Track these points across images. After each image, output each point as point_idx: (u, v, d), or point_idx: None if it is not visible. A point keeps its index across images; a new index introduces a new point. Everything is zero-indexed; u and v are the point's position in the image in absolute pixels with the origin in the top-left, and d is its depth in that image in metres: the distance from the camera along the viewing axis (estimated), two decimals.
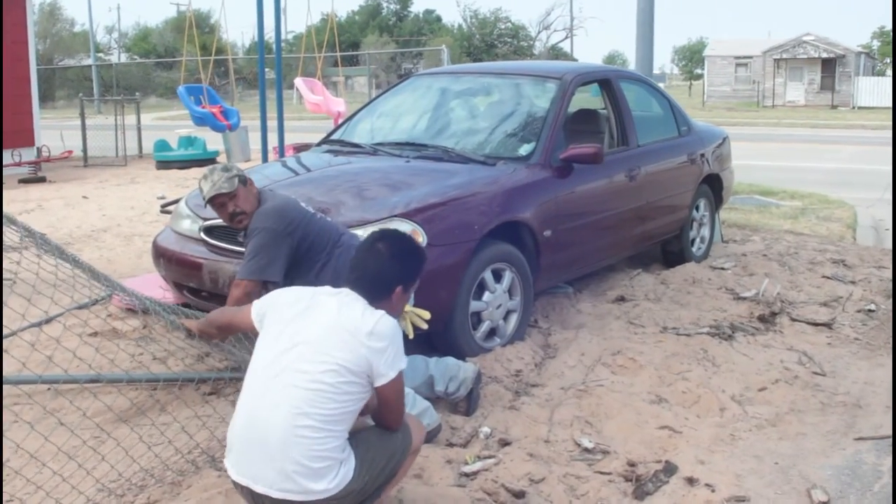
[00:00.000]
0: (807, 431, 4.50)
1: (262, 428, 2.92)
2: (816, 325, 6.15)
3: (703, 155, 7.89)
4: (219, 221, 5.30)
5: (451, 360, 4.68)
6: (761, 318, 6.23)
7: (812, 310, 6.47)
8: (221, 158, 17.12)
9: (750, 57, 51.59)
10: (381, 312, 3.05)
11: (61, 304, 5.18)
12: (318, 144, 6.85)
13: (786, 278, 7.35)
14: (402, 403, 3.15)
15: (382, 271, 3.15)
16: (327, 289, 3.16)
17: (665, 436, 4.37)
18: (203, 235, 5.36)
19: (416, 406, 4.16)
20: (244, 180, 4.42)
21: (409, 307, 4.29)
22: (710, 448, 4.27)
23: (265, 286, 4.39)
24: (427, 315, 4.35)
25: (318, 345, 2.95)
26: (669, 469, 4.00)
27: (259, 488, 2.93)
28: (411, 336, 4.35)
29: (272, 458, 2.90)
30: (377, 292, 3.13)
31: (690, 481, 3.91)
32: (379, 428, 3.20)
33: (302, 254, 4.36)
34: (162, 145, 16.71)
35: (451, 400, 4.63)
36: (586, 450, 4.20)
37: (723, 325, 6.01)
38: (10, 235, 3.64)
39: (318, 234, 4.42)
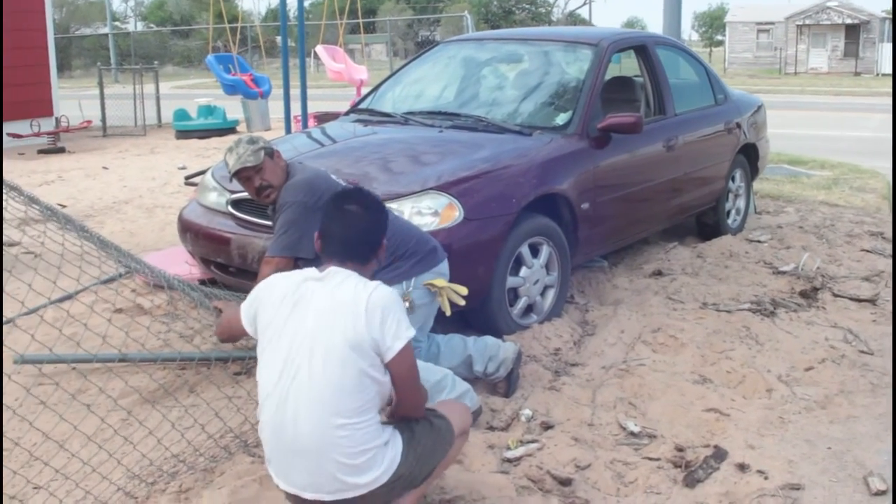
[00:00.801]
0: (858, 414, 4.32)
1: (292, 438, 2.78)
2: (860, 300, 5.95)
3: (739, 124, 7.67)
4: (247, 194, 5.15)
5: (490, 339, 4.52)
6: (802, 294, 6.03)
7: (854, 285, 6.27)
8: (241, 128, 16.98)
9: (772, 23, 50.90)
10: (375, 283, 2.90)
11: (81, 280, 5.06)
12: (346, 114, 6.66)
13: (824, 251, 7.15)
14: (417, 380, 2.97)
15: (367, 229, 3.02)
16: (312, 272, 2.95)
17: (712, 419, 4.20)
18: (231, 209, 5.20)
19: (455, 388, 4.01)
20: (271, 152, 4.24)
21: (444, 283, 4.13)
22: (759, 432, 4.10)
23: (297, 263, 4.23)
24: (464, 291, 4.19)
25: (320, 337, 2.78)
26: (719, 455, 3.84)
27: (309, 495, 2.81)
28: (449, 313, 4.20)
29: (313, 465, 2.77)
30: (367, 253, 3.01)
31: (742, 467, 3.75)
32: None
33: None
34: (181, 114, 16.56)
35: (490, 381, 4.47)
36: (632, 434, 4.03)
37: (764, 301, 5.82)
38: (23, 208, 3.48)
39: None
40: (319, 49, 14.96)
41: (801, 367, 4.86)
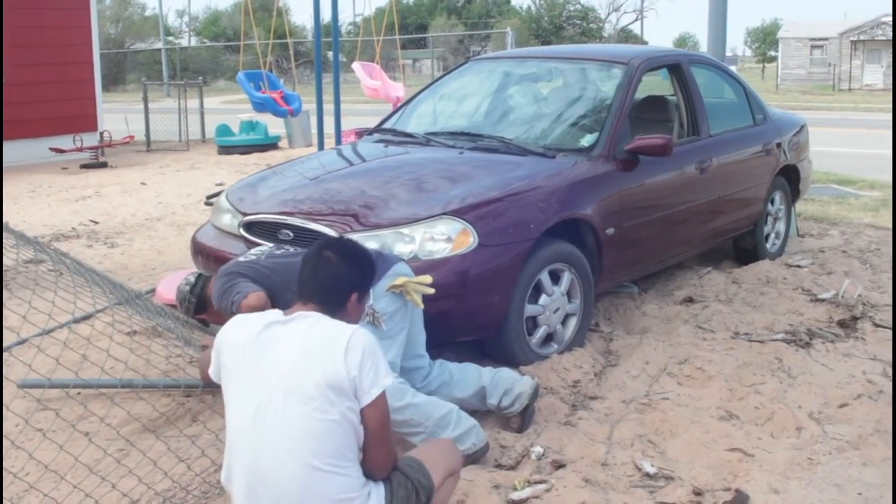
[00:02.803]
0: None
1: (273, 484, 2.64)
2: (892, 332, 5.66)
3: (779, 144, 7.42)
4: (260, 217, 5.04)
5: (506, 371, 4.33)
6: (841, 323, 5.77)
7: None
8: (283, 143, 16.98)
9: (825, 38, 50.18)
10: (355, 327, 2.77)
11: (102, 301, 4.97)
12: (370, 133, 6.53)
13: (867, 278, 6.86)
14: (388, 435, 2.82)
15: (336, 278, 2.92)
16: (275, 315, 2.83)
17: (735, 459, 3.97)
18: (243, 232, 5.08)
19: (460, 424, 3.83)
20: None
21: (404, 279, 3.95)
22: (785, 474, 3.86)
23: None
24: (428, 279, 4.00)
25: (296, 378, 2.66)
26: (740, 499, 3.60)
27: None
28: (421, 306, 4.02)
29: None
30: (332, 302, 2.89)
31: None
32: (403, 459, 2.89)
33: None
34: (224, 130, 16.59)
35: (503, 415, 4.28)
36: (647, 475, 3.82)
37: (799, 331, 5.56)
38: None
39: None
40: (356, 66, 14.91)
41: (834, 403, 4.61)
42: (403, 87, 15.45)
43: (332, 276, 2.91)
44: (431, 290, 3.98)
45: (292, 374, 2.66)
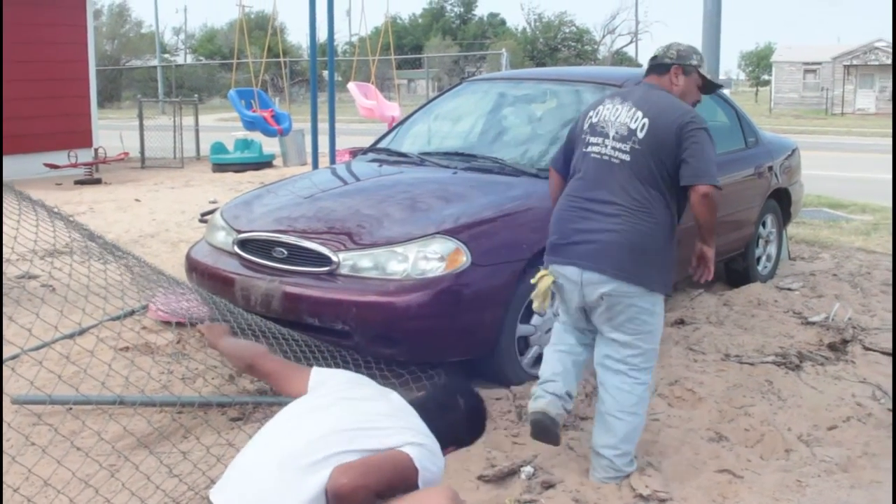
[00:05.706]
0: (882, 479, 4.08)
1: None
2: (892, 354, 5.70)
3: (770, 168, 7.47)
4: (254, 235, 5.06)
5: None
6: (831, 346, 5.80)
7: (886, 338, 6.01)
8: (278, 161, 17.01)
9: (819, 63, 50.43)
10: None
11: (96, 315, 5.00)
12: (364, 152, 6.56)
13: (858, 301, 6.89)
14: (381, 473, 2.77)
15: (452, 426, 3.11)
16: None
17: (725, 481, 3.99)
18: (237, 249, 5.11)
19: None
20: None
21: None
22: (774, 496, 3.88)
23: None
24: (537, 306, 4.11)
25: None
26: None
27: None
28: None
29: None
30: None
31: None
32: None
33: None
34: (218, 147, 16.61)
35: (611, 471, 3.97)
36: (640, 496, 3.84)
37: (789, 353, 5.59)
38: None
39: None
40: (351, 86, 14.98)
41: (823, 425, 4.63)
42: (399, 106, 15.53)
43: (450, 422, 3.10)
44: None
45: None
